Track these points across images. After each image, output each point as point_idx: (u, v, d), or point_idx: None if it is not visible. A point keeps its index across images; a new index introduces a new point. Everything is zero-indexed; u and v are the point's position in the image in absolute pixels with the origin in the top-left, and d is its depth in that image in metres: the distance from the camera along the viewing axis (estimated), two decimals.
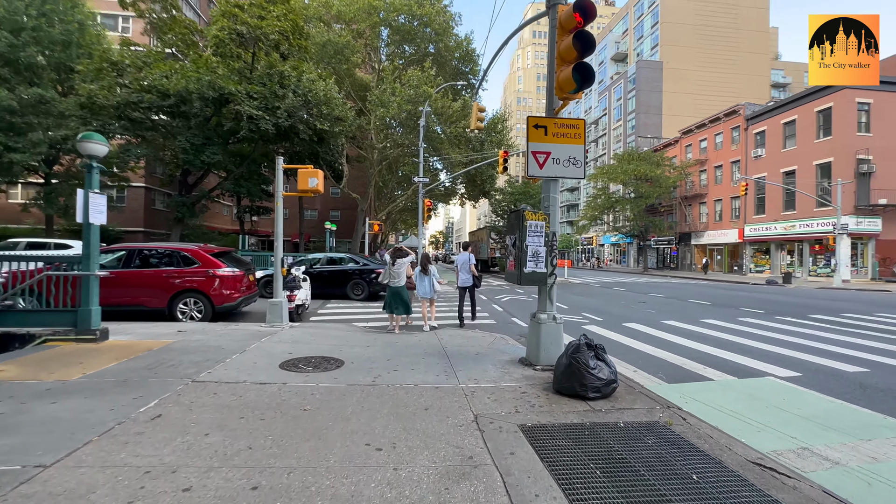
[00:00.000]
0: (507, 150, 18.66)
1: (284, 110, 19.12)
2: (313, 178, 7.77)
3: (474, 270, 9.62)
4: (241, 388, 4.12)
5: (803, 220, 30.19)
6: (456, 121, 24.48)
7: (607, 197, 42.53)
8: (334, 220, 48.07)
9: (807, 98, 30.39)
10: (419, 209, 21.57)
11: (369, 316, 10.30)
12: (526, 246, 5.06)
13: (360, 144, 30.75)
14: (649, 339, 7.69)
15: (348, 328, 8.09)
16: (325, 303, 12.54)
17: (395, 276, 7.91)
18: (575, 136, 5.28)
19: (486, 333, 7.76)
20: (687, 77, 53.31)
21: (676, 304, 13.04)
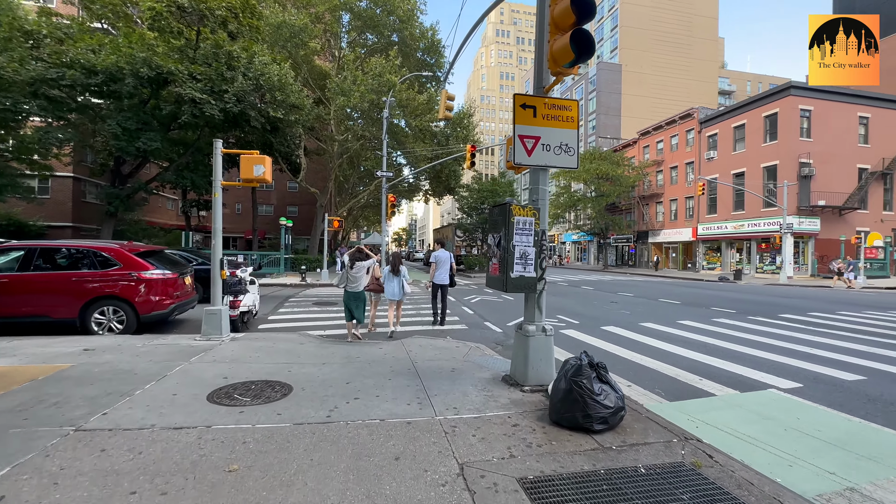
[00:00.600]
0: (475, 145, 17.94)
1: (233, 94, 17.42)
2: (259, 165, 6.65)
3: (454, 268, 9.29)
4: (144, 439, 3.06)
5: (751, 220, 31.75)
6: (421, 114, 23.54)
7: (570, 195, 43.10)
8: (291, 216, 45.69)
9: (755, 103, 31.91)
10: (382, 205, 20.48)
11: (327, 322, 9.24)
12: (513, 246, 4.29)
13: (319, 136, 29.09)
14: (633, 345, 7.20)
15: (302, 338, 7.04)
16: (280, 306, 11.30)
17: (354, 280, 7.14)
18: (567, 119, 4.57)
19: (459, 342, 6.97)
20: (644, 80, 55.11)
21: (648, 303, 12.87)
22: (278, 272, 20.39)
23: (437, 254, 9.22)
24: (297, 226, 43.73)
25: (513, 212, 4.30)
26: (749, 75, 77.38)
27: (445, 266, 9.04)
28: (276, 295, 14.20)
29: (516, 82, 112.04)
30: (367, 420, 3.54)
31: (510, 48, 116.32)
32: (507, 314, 10.53)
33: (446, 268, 9.04)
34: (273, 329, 8.54)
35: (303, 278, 18.60)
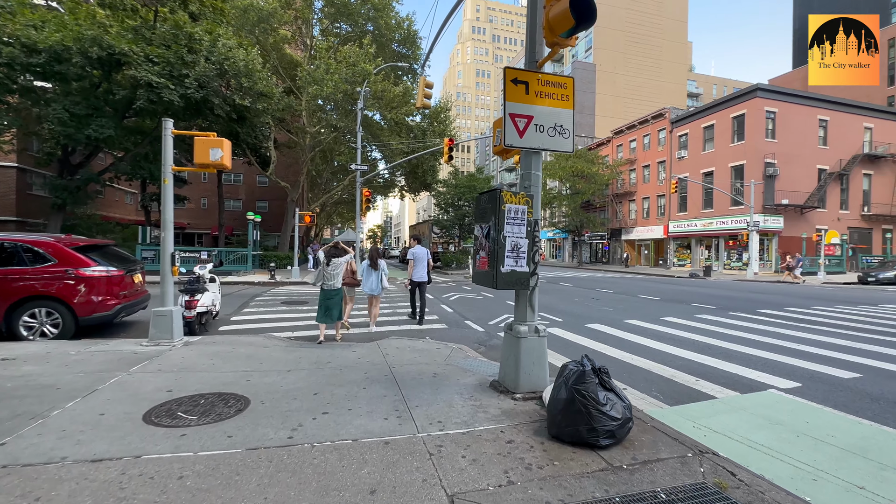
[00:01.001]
0: (452, 139, 17.47)
1: (194, 79, 16.27)
2: (216, 148, 5.92)
3: (431, 265, 9.21)
4: (47, 478, 2.41)
5: (720, 218, 32.66)
6: (397, 106, 22.84)
7: (545, 192, 43.29)
8: (261, 212, 43.98)
9: (724, 105, 32.80)
10: (357, 200, 19.72)
11: (296, 322, 8.55)
12: (504, 237, 3.83)
13: (290, 128, 27.89)
14: (621, 344, 6.90)
15: (266, 341, 6.38)
16: (245, 306, 10.48)
17: (331, 276, 6.76)
18: (563, 97, 4.13)
19: (440, 344, 6.48)
20: (617, 81, 56.06)
21: (628, 300, 12.74)
22: (245, 270, 19.32)
23: (413, 250, 8.92)
24: (268, 222, 42.19)
25: (503, 199, 3.83)
26: (715, 79, 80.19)
27: (423, 263, 8.80)
28: (242, 294, 13.30)
29: (492, 80, 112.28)
30: (337, 441, 2.99)
31: (486, 45, 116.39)
32: (487, 312, 10.12)
33: (424, 264, 8.81)
34: (235, 331, 7.80)
35: (272, 276, 17.64)
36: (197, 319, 7.35)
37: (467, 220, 26.29)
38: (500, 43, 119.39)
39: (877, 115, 33.77)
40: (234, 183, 43.87)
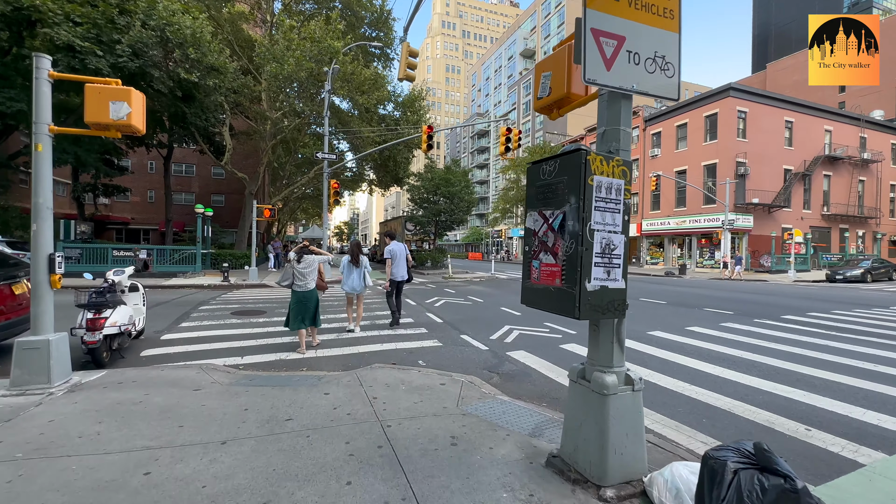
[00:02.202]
0: (431, 126, 15.85)
1: (128, 46, 13.77)
2: (120, 102, 4.03)
3: (410, 261, 8.57)
4: None
5: (692, 216, 32.81)
6: (368, 91, 20.89)
7: (520, 189, 42.47)
8: (217, 207, 40.55)
9: (697, 103, 32.92)
10: (324, 193, 17.71)
11: (249, 342, 6.68)
12: (591, 231, 2.28)
13: (249, 114, 25.24)
14: (664, 367, 5.56)
15: (201, 377, 4.56)
16: (184, 318, 8.43)
17: (301, 277, 6.12)
18: (666, 13, 2.63)
19: (441, 374, 4.89)
20: None
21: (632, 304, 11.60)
22: (194, 271, 16.84)
23: (390, 248, 8.18)
24: (224, 217, 38.90)
25: (590, 166, 2.28)
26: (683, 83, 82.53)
27: (402, 260, 8.19)
28: (185, 301, 11.12)
29: (462, 76, 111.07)
30: None
31: (456, 41, 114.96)
32: (484, 322, 8.60)
33: (403, 261, 8.21)
34: (163, 357, 5.86)
35: (225, 277, 15.37)
36: (105, 344, 5.38)
37: (443, 217, 24.69)
38: (471, 39, 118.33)
39: (835, 119, 35.00)
40: (185, 174, 40.19)
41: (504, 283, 17.64)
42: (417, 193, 25.12)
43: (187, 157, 39.72)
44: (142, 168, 38.38)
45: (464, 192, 24.48)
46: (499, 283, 17.57)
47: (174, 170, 39.54)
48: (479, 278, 19.49)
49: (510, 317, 9.19)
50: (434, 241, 26.81)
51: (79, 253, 15.14)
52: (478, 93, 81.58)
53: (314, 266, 6.24)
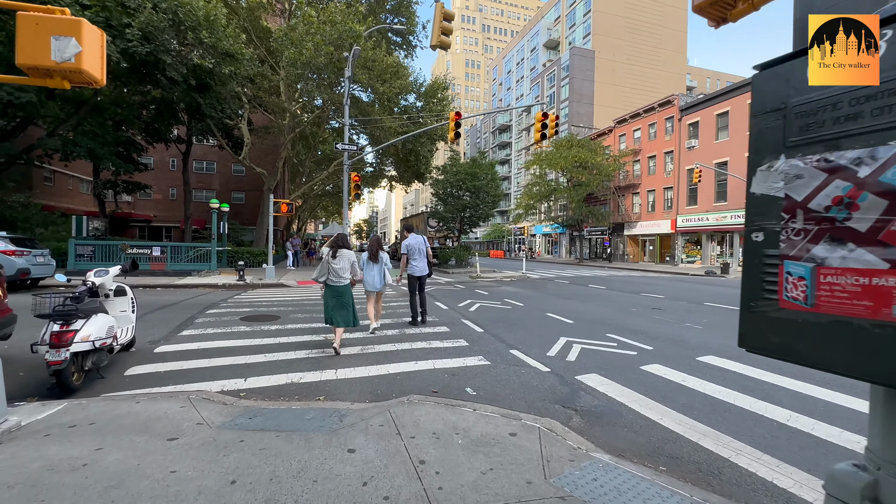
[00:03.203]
0: (460, 113, 14.54)
1: (139, 30, 12.92)
2: (65, 38, 2.88)
3: (430, 255, 8.12)
4: None
5: (735, 212, 30.51)
6: (389, 79, 19.71)
7: (545, 185, 40.71)
8: (237, 204, 40.33)
9: (741, 89, 30.58)
10: (344, 186, 16.62)
11: (256, 357, 5.52)
12: None
13: (268, 107, 24.42)
14: (814, 407, 4.13)
15: (183, 416, 3.39)
16: (187, 324, 7.39)
17: (336, 273, 5.92)
18: None
19: (505, 416, 3.59)
20: (617, 69, 53.73)
21: (698, 310, 10.05)
22: (209, 269, 16.01)
23: (407, 242, 7.78)
24: (244, 214, 38.59)
25: None
26: (708, 72, 78.91)
27: (421, 254, 7.75)
28: (194, 302, 10.15)
29: (482, 70, 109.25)
30: None
31: (476, 35, 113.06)
32: (531, 332, 7.26)
33: (423, 255, 7.77)
34: (150, 378, 4.75)
35: (240, 276, 14.45)
36: (76, 364, 4.30)
37: (468, 212, 23.30)
38: (491, 33, 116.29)
39: None
40: (206, 171, 40.03)
41: (539, 284, 16.18)
42: (441, 187, 23.79)
43: (208, 155, 39.53)
44: (163, 165, 38.37)
45: (490, 186, 23.04)
46: (534, 284, 16.13)
47: (194, 167, 39.42)
48: (510, 278, 18.09)
49: (561, 325, 7.81)
50: (458, 239, 25.47)
51: (91, 250, 14.45)
52: (499, 87, 79.72)
53: (347, 262, 5.96)
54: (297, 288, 13.92)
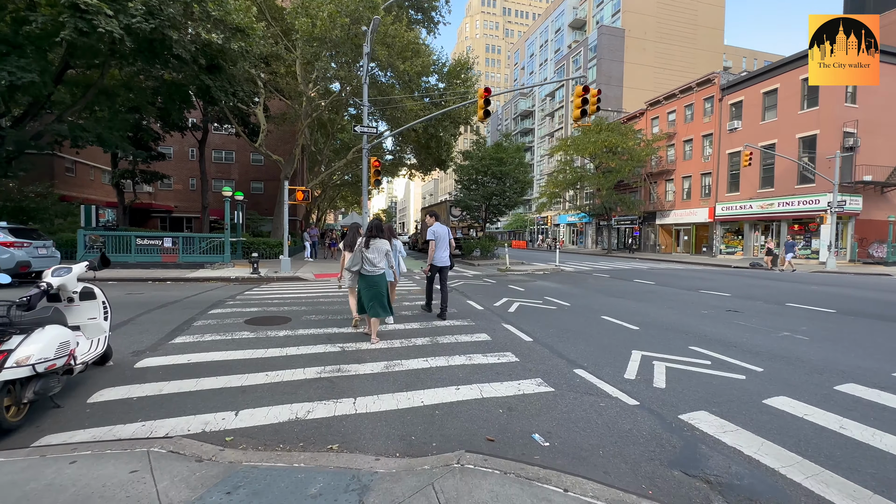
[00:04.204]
0: (489, 89, 13.11)
1: (142, 4, 11.90)
2: None
3: (454, 246, 7.82)
4: None
5: (782, 199, 28.14)
6: (411, 57, 18.32)
7: (573, 171, 38.73)
8: (256, 194, 39.85)
9: (791, 65, 27.89)
10: (363, 172, 15.45)
11: (256, 377, 4.37)
12: None
13: (283, 91, 23.38)
14: None
15: (141, 476, 2.24)
16: (183, 328, 6.37)
17: (370, 262, 5.55)
18: None
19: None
20: (648, 48, 50.72)
21: (780, 311, 8.51)
22: (222, 261, 15.14)
23: (434, 229, 7.36)
24: (263, 204, 38.03)
25: None
26: (745, 51, 74.11)
27: (445, 243, 7.45)
28: (198, 300, 9.17)
29: (502, 55, 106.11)
30: None
31: (496, 19, 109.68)
32: (591, 341, 5.92)
33: (446, 245, 7.48)
34: (119, 406, 3.66)
35: (254, 269, 13.52)
36: (12, 395, 3.22)
37: (494, 200, 21.81)
38: (511, 17, 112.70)
39: None
40: (225, 161, 39.63)
41: (577, 279, 14.64)
42: (466, 173, 22.34)
43: (226, 144, 39.05)
44: (183, 155, 38.10)
45: (517, 171, 21.46)
46: (571, 279, 14.62)
47: (213, 157, 39.04)
48: (542, 271, 16.64)
49: (626, 333, 6.43)
50: (483, 228, 24.05)
51: (101, 242, 13.74)
52: (521, 71, 76.95)
53: (383, 251, 5.71)
54: (314, 282, 12.89)
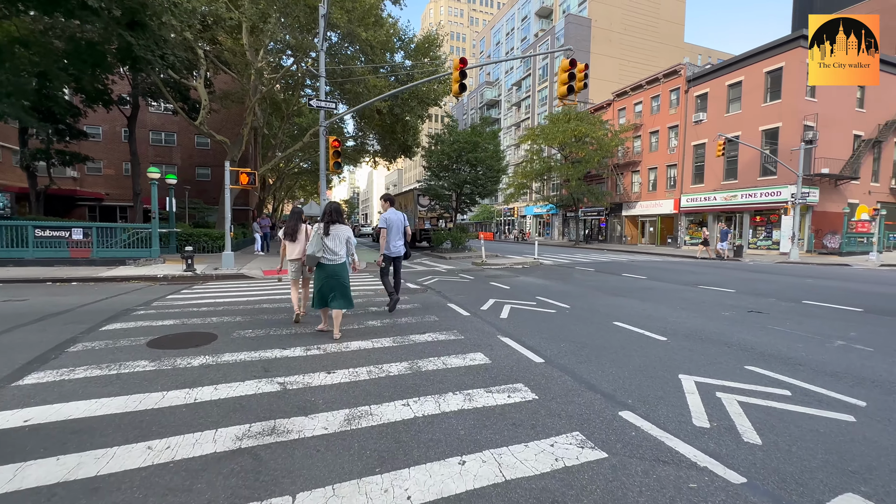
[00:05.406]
0: (465, 60, 11.55)
1: None
2: None
3: (409, 234, 7.05)
4: None
5: (745, 190, 28.58)
6: (373, 25, 16.36)
7: (542, 161, 37.96)
8: (202, 180, 36.30)
9: (756, 57, 28.16)
10: (321, 152, 13.47)
11: (143, 455, 2.65)
12: None
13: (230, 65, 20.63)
14: None
15: None
16: (56, 351, 4.44)
17: (330, 250, 5.19)
18: None
19: None
20: (613, 39, 50.72)
21: (804, 311, 7.56)
22: (149, 257, 12.72)
23: (387, 215, 6.72)
24: (211, 193, 34.56)
25: None
26: (700, 49, 76.50)
27: (399, 231, 6.78)
28: (100, 308, 7.08)
29: (467, 44, 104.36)
30: None
31: (461, 6, 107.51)
32: (622, 363, 4.54)
33: (400, 233, 6.80)
34: None
35: (188, 266, 11.30)
36: None
37: (467, 188, 20.31)
38: (476, 5, 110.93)
39: None
40: (165, 144, 35.70)
41: (562, 273, 13.33)
42: (436, 159, 20.66)
43: (167, 125, 35.14)
44: (115, 136, 33.88)
45: (493, 158, 20.05)
46: (555, 273, 13.31)
47: (151, 138, 35.01)
48: (521, 265, 15.37)
49: (658, 348, 5.09)
50: (454, 219, 22.55)
51: None
52: (487, 59, 75.59)
53: (343, 238, 5.32)
54: (261, 281, 10.92)
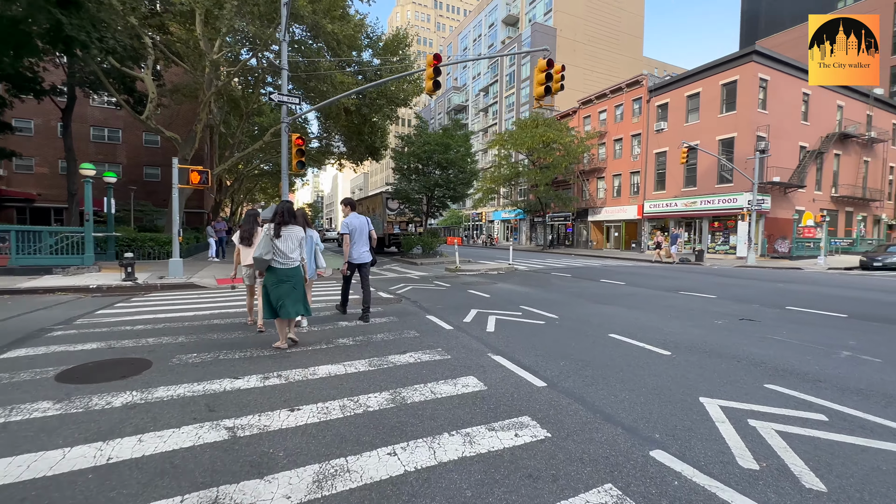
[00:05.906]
0: (439, 56, 10.99)
1: None
2: None
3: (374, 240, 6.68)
4: None
5: (704, 197, 29.71)
6: (340, 19, 15.53)
7: (510, 166, 38.04)
8: (151, 181, 33.72)
9: (712, 70, 29.43)
10: (283, 152, 12.45)
11: None
12: None
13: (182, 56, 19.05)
14: None
15: None
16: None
17: (282, 253, 4.69)
18: None
19: None
20: (577, 48, 52.00)
21: (793, 317, 7.43)
22: (80, 264, 11.20)
23: (349, 220, 6.30)
24: (160, 194, 32.06)
25: None
26: (657, 62, 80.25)
27: (363, 237, 6.38)
28: (9, 329, 5.89)
29: (435, 49, 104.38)
30: None
31: (428, 11, 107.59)
32: (633, 385, 4.01)
33: (365, 239, 6.40)
34: None
35: (127, 274, 9.98)
36: None
37: (438, 192, 19.72)
38: (443, 10, 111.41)
39: (847, 94, 32.58)
40: (108, 141, 32.89)
41: (540, 280, 12.76)
42: (405, 161, 19.93)
43: (111, 120, 32.39)
44: (49, 132, 30.82)
45: (464, 161, 19.58)
46: (532, 279, 12.76)
47: (92, 134, 32.13)
48: (497, 271, 14.86)
49: (659, 362, 4.65)
50: (424, 223, 21.88)
51: None
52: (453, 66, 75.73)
53: (297, 239, 4.79)
54: (213, 290, 9.79)
